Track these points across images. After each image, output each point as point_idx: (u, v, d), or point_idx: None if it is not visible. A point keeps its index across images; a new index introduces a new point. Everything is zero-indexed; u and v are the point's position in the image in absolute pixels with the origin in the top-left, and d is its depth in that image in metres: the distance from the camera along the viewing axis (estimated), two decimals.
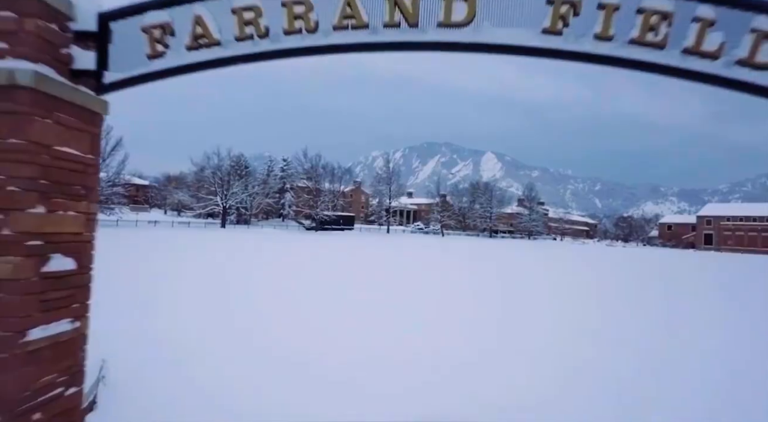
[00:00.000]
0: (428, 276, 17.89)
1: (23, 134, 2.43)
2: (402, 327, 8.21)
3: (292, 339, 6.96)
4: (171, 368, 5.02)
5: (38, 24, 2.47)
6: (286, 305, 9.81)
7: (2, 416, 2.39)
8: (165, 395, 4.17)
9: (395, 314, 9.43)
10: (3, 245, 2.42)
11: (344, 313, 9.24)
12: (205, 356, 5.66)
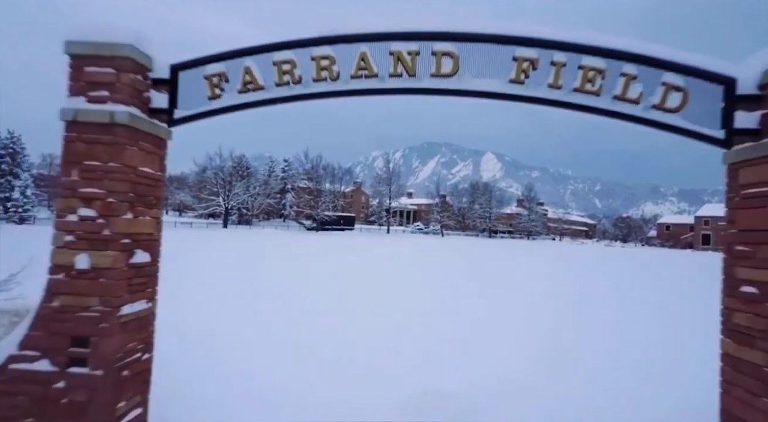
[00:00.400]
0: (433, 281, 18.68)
1: (119, 159, 3.25)
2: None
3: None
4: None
5: (130, 77, 3.29)
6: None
7: (104, 369, 3.20)
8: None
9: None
10: (105, 243, 3.24)
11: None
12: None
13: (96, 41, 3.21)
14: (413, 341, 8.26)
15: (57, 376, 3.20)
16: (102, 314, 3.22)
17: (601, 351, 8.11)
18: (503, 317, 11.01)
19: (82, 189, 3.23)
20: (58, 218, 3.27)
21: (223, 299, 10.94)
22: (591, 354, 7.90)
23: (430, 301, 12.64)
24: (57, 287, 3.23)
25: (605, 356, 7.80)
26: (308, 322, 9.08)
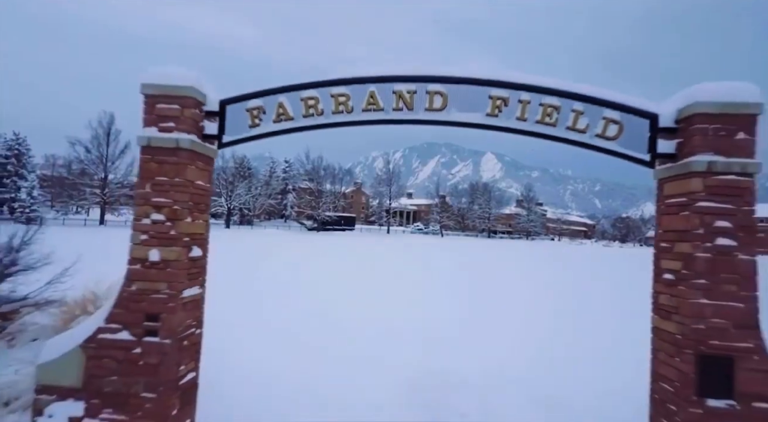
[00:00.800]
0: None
1: (182, 175, 4.18)
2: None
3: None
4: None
5: (191, 111, 4.22)
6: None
7: (171, 339, 4.13)
8: None
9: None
10: (171, 241, 4.17)
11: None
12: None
13: (165, 84, 4.14)
14: (414, 338, 9.21)
15: (135, 344, 4.13)
16: (168, 297, 4.15)
17: (583, 344, 9.07)
18: (491, 314, 11.97)
19: (153, 199, 4.16)
20: (135, 221, 4.20)
21: (229, 295, 11.87)
22: (572, 344, 8.86)
23: (428, 299, 13.59)
24: (134, 275, 4.16)
25: (587, 349, 8.76)
26: (319, 318, 10.04)
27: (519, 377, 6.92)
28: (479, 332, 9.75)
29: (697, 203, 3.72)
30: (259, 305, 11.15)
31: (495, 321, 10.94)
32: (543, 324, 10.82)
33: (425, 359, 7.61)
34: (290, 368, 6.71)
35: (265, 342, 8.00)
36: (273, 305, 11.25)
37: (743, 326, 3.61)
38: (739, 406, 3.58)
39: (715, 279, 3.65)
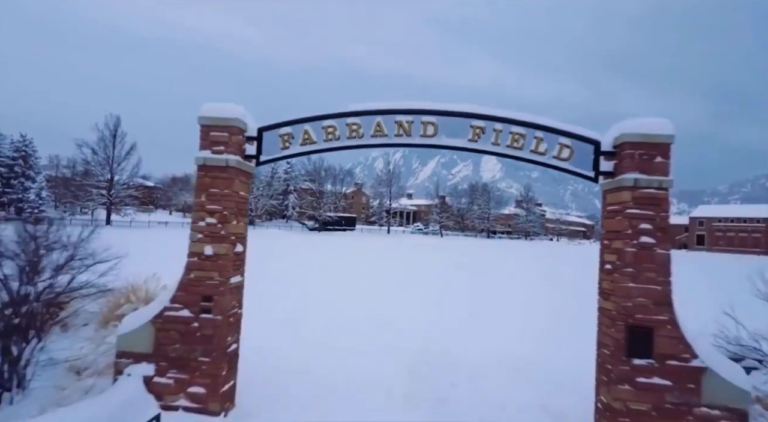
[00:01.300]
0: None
1: (230, 188, 5.35)
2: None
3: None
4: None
5: (237, 137, 5.39)
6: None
7: (221, 316, 5.28)
8: None
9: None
10: (221, 239, 5.33)
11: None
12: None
13: (218, 117, 5.31)
14: (414, 328, 10.40)
15: (193, 319, 5.29)
16: (219, 283, 5.31)
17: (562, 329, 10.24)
18: (480, 307, 13.15)
19: (208, 206, 5.33)
20: (193, 223, 5.37)
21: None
22: (547, 328, 10.03)
23: (426, 294, 14.76)
24: (193, 266, 5.33)
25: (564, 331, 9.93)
26: (327, 310, 11.21)
27: (500, 354, 8.09)
28: (470, 322, 10.93)
29: (626, 210, 4.89)
30: (270, 297, 12.31)
31: (483, 312, 12.13)
32: (523, 312, 12.00)
33: (423, 344, 8.77)
34: (309, 350, 7.89)
35: (277, 329, 9.18)
36: (282, 298, 12.41)
37: (660, 303, 4.78)
38: (657, 363, 4.74)
39: (639, 268, 4.81)
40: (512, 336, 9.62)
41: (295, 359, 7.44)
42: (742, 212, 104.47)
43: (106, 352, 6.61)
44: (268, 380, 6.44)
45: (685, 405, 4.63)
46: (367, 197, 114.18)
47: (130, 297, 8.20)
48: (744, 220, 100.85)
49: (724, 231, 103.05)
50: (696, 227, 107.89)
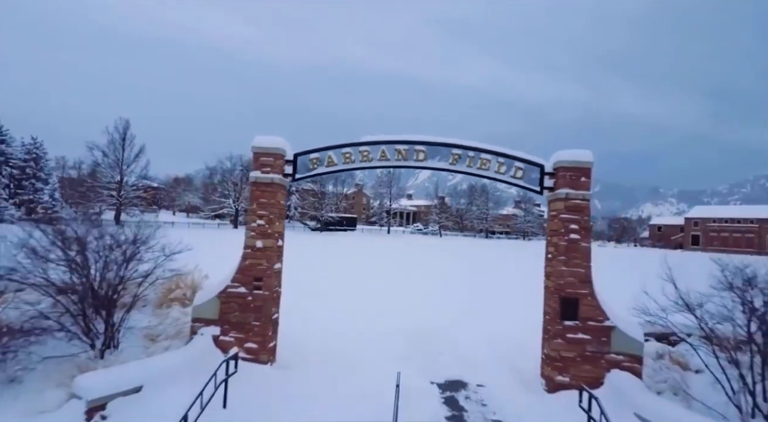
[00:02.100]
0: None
1: (274, 198, 7.33)
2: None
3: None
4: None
5: (279, 161, 7.36)
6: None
7: (268, 292, 7.23)
8: None
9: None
10: (269, 235, 7.29)
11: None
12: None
13: (266, 146, 7.28)
14: (408, 311, 12.36)
15: (248, 294, 7.25)
16: (267, 268, 7.27)
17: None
18: (464, 295, 15.09)
19: (258, 212, 7.29)
20: (248, 224, 7.33)
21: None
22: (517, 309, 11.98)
23: (421, 285, 16.71)
24: (247, 256, 7.28)
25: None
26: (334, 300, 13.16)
27: (480, 331, 10.05)
28: (458, 309, 12.88)
29: (561, 215, 6.85)
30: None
31: (469, 301, 14.07)
32: (502, 300, 13.93)
33: (419, 325, 10.70)
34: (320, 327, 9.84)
35: (301, 312, 11.13)
36: (297, 289, 14.36)
37: (583, 281, 6.74)
38: (581, 324, 6.70)
39: (569, 256, 6.77)
40: (491, 318, 11.56)
41: (316, 333, 9.39)
42: (736, 213, 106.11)
43: (171, 324, 8.57)
44: (298, 344, 8.39)
45: (599, 353, 6.59)
46: (368, 197, 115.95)
47: (179, 284, 10.13)
48: (738, 221, 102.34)
49: (718, 232, 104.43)
50: (691, 227, 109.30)
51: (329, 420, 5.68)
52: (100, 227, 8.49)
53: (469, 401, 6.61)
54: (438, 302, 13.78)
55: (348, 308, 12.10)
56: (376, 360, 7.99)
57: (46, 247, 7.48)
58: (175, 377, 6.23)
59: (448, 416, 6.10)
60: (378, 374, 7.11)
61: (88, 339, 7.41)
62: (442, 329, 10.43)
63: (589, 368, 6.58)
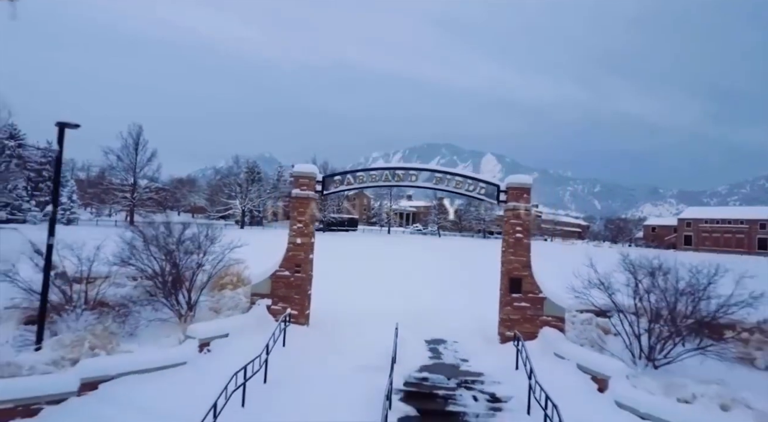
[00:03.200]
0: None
1: (309, 208, 10.40)
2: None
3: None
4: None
5: (312, 182, 10.41)
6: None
7: (305, 275, 10.24)
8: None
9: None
10: (305, 234, 10.31)
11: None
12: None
13: (303, 172, 10.33)
14: (405, 297, 15.35)
15: (290, 276, 10.27)
16: (304, 257, 10.31)
17: None
18: (453, 286, 18.08)
19: (298, 218, 10.32)
20: (291, 227, 10.34)
21: None
22: None
23: (416, 277, 19.71)
24: (290, 249, 10.32)
25: None
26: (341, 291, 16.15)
27: (465, 310, 13.02)
28: (446, 292, 15.86)
29: (510, 220, 9.87)
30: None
31: (454, 287, 17.05)
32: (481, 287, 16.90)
33: (411, 306, 13.63)
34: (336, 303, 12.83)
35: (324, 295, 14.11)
36: None
37: (525, 266, 9.74)
38: (523, 295, 9.70)
39: (515, 249, 9.78)
40: (470, 300, 14.53)
41: (334, 309, 12.37)
42: (727, 214, 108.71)
43: (227, 301, 11.55)
44: (322, 315, 11.37)
45: (535, 315, 9.60)
46: (369, 198, 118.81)
47: (227, 273, 13.10)
48: (729, 221, 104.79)
49: (710, 232, 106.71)
50: (684, 228, 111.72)
51: (347, 349, 8.69)
52: (185, 227, 11.42)
53: (446, 349, 9.59)
54: (430, 289, 16.74)
55: (356, 294, 15.04)
56: (380, 327, 10.94)
57: (147, 242, 10.48)
58: (244, 330, 9.24)
59: (431, 356, 9.09)
60: (382, 334, 10.04)
61: (174, 310, 10.43)
62: (432, 308, 13.38)
63: (529, 326, 9.59)
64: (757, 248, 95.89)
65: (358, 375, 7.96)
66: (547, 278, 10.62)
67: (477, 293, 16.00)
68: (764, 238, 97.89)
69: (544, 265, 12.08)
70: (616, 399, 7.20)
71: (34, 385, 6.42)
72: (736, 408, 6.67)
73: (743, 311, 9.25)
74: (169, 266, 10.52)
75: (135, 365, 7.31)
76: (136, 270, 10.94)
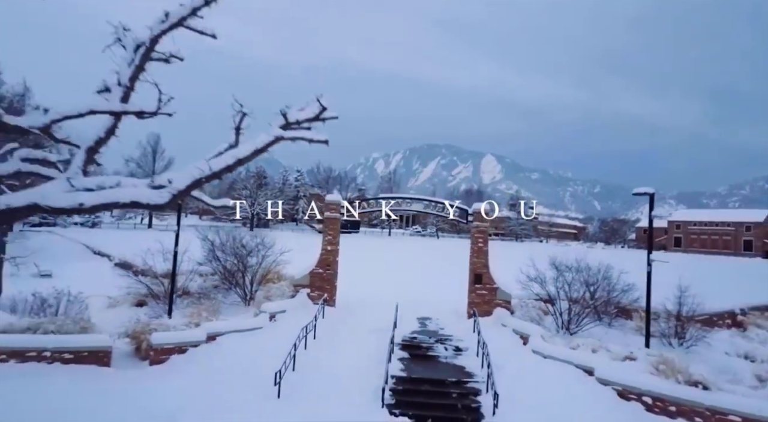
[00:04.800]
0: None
1: (336, 225, 15.05)
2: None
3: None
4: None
5: (338, 206, 14.95)
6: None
7: (333, 271, 14.77)
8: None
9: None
10: (334, 243, 14.86)
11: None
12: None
13: (332, 200, 14.93)
14: (402, 288, 19.92)
15: (323, 273, 14.93)
16: (332, 259, 14.93)
17: None
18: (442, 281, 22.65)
19: (328, 232, 14.91)
20: (323, 238, 14.90)
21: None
22: None
23: (414, 271, 24.25)
24: (323, 254, 14.95)
25: None
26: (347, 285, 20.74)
27: (446, 297, 17.51)
28: (435, 285, 20.35)
29: (475, 234, 14.42)
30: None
31: (442, 281, 21.54)
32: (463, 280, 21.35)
33: (408, 295, 18.07)
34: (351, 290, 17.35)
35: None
36: None
37: (484, 266, 14.34)
38: (483, 286, 14.26)
39: (478, 254, 14.38)
40: (451, 289, 18.96)
41: (348, 296, 16.86)
42: (715, 217, 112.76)
43: (275, 291, 16.03)
44: (344, 300, 15.86)
45: (491, 300, 14.17)
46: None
47: (270, 270, 17.59)
48: (716, 224, 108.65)
49: (698, 234, 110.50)
50: (674, 230, 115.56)
51: (364, 321, 13.23)
52: (255, 234, 15.98)
53: (430, 322, 14.09)
54: (422, 282, 21.17)
55: (367, 285, 19.44)
56: (385, 308, 15.40)
57: (221, 244, 15.03)
58: (294, 309, 13.77)
59: (419, 326, 13.60)
60: (386, 312, 14.49)
61: (242, 297, 15.01)
62: (423, 296, 17.79)
63: (486, 307, 14.11)
64: (742, 249, 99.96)
65: (372, 335, 12.49)
66: (509, 272, 15.13)
67: (457, 284, 20.47)
68: (749, 240, 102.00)
69: (518, 263, 16.41)
70: (532, 348, 11.69)
71: (184, 336, 10.89)
72: (600, 350, 11.12)
73: (641, 297, 13.76)
74: (238, 265, 15.12)
75: (234, 327, 11.82)
76: (209, 268, 15.58)
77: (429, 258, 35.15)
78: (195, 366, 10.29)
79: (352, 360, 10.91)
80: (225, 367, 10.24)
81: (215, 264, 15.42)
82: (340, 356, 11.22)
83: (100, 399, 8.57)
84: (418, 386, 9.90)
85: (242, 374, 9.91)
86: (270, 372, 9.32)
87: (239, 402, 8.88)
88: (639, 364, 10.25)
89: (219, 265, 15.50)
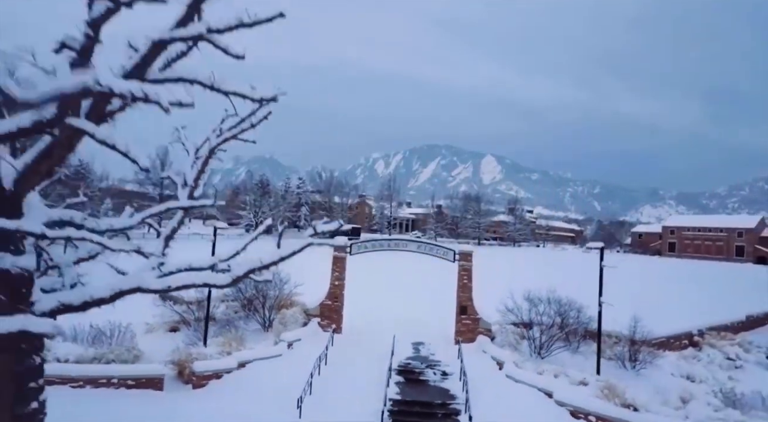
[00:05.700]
0: None
1: (343, 263, 17.47)
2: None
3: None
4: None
5: (345, 246, 17.44)
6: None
7: (340, 303, 17.29)
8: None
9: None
10: (341, 278, 17.38)
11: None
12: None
13: (339, 244, 17.37)
14: (398, 303, 22.45)
15: (332, 304, 17.50)
16: (339, 293, 17.48)
17: None
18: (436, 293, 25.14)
19: (336, 270, 17.41)
20: (332, 274, 17.40)
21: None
22: None
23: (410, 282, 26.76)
24: (332, 287, 17.53)
25: None
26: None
27: (437, 322, 19.97)
28: (427, 309, 22.82)
29: (461, 272, 16.93)
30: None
31: (436, 299, 24.00)
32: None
33: (402, 316, 20.48)
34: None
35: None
36: None
37: (469, 299, 16.90)
38: (468, 317, 16.74)
39: (463, 289, 16.93)
40: (442, 314, 21.42)
41: (354, 320, 19.34)
42: (708, 223, 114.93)
43: (289, 318, 18.52)
44: (349, 325, 18.34)
45: (475, 328, 16.63)
46: (370, 207, 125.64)
47: (282, 298, 20.06)
48: (709, 230, 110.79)
49: (692, 240, 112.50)
50: (668, 235, 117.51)
51: (367, 347, 15.71)
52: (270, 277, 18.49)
53: (423, 348, 16.56)
54: (417, 304, 23.52)
55: (367, 306, 21.79)
56: (384, 333, 17.84)
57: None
58: (307, 337, 16.29)
59: (413, 352, 16.02)
60: (385, 337, 16.95)
61: (261, 324, 17.50)
62: (416, 318, 20.20)
63: (471, 335, 16.62)
64: (734, 254, 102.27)
65: (374, 360, 14.97)
66: (501, 285, 17.60)
67: (448, 301, 22.91)
68: (741, 246, 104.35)
69: (509, 275, 18.92)
70: (506, 373, 14.17)
71: (220, 364, 13.37)
72: (560, 375, 13.59)
73: (610, 320, 16.09)
74: (258, 296, 17.63)
75: (259, 355, 14.31)
76: (228, 296, 18.11)
77: (430, 266, 37.38)
78: (229, 389, 12.76)
79: (358, 382, 13.36)
80: (254, 390, 12.70)
81: (236, 293, 17.93)
82: (348, 378, 13.68)
83: (160, 418, 11.02)
84: (411, 407, 12.37)
85: (268, 396, 12.36)
86: (291, 393, 11.81)
87: (267, 420, 11.34)
88: (589, 389, 12.71)
89: (240, 294, 18.00)
